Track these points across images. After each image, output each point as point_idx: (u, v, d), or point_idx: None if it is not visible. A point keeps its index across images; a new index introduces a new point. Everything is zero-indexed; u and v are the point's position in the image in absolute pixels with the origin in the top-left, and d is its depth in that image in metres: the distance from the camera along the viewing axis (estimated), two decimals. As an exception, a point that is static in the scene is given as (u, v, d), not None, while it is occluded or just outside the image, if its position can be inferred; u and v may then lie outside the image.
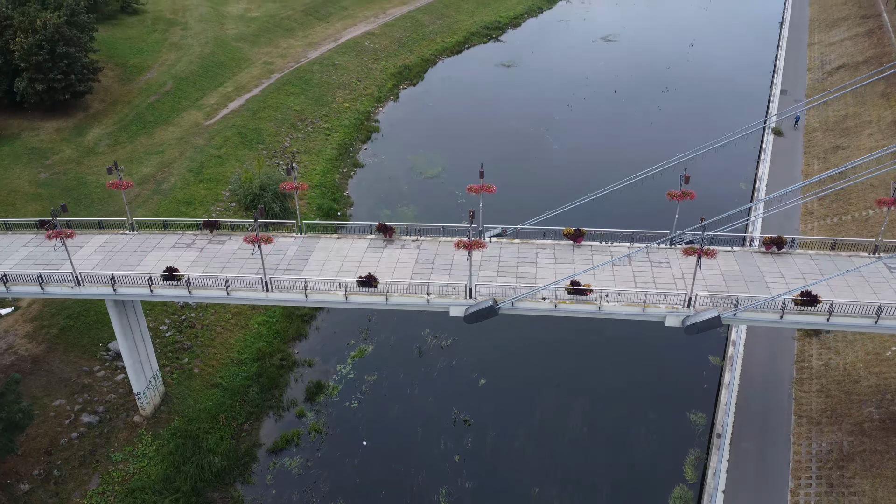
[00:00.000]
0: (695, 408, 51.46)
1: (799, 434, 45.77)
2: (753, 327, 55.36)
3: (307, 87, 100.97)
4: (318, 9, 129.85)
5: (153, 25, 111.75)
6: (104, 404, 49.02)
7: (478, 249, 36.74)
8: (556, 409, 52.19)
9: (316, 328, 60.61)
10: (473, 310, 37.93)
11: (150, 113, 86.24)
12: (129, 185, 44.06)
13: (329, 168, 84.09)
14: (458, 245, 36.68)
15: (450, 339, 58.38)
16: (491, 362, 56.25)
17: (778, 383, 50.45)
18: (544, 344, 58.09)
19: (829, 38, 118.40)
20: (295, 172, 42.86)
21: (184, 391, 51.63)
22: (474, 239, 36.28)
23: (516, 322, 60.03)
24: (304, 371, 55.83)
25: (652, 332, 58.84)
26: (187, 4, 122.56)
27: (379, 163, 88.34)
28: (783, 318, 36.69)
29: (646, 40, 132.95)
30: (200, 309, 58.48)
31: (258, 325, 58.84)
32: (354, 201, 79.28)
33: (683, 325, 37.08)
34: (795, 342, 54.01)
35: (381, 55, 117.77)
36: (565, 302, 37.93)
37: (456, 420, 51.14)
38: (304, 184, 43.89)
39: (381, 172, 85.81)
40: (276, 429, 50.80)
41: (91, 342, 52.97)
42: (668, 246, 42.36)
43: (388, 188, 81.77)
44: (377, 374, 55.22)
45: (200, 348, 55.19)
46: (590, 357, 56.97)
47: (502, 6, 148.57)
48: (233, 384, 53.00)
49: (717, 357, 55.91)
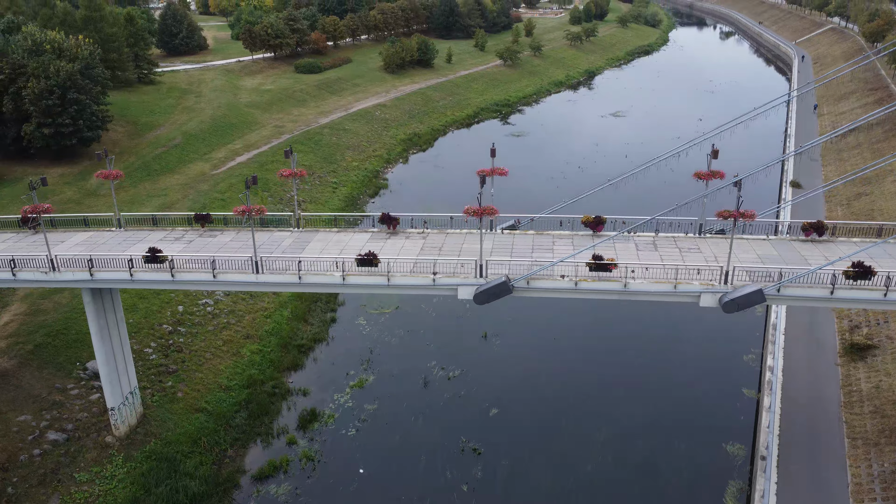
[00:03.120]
0: (731, 439, 45.95)
1: (855, 456, 40.16)
2: (791, 353, 50.56)
3: (317, 146, 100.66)
4: (330, 84, 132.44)
5: (168, 93, 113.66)
6: (74, 422, 44.18)
7: (489, 216, 33.27)
8: (576, 438, 46.74)
9: (314, 359, 56.07)
10: (485, 287, 33.96)
11: (157, 162, 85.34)
12: (118, 174, 41.41)
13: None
14: (467, 212, 33.27)
15: (458, 371, 53.63)
16: (503, 392, 51.28)
17: (824, 407, 45.13)
18: (561, 374, 53.42)
19: (839, 109, 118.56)
20: (294, 158, 40.20)
21: (164, 414, 46.76)
22: (486, 206, 32.91)
23: (531, 351, 56.04)
24: (297, 399, 50.90)
25: (679, 362, 54.52)
26: (203, 78, 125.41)
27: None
28: (833, 293, 32.50)
29: (654, 116, 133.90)
30: (190, 335, 54.44)
31: (251, 353, 54.48)
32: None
33: (721, 303, 32.90)
34: (839, 368, 49.01)
35: (392, 124, 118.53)
36: (587, 280, 33.96)
37: (464, 449, 45.69)
38: (302, 170, 41.11)
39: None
40: (263, 456, 45.45)
41: (68, 360, 48.70)
42: (696, 235, 38.73)
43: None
44: (378, 403, 50.23)
45: (186, 373, 50.68)
46: (612, 385, 52.04)
47: (511, 87, 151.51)
48: (218, 409, 48.11)
49: (751, 389, 50.83)
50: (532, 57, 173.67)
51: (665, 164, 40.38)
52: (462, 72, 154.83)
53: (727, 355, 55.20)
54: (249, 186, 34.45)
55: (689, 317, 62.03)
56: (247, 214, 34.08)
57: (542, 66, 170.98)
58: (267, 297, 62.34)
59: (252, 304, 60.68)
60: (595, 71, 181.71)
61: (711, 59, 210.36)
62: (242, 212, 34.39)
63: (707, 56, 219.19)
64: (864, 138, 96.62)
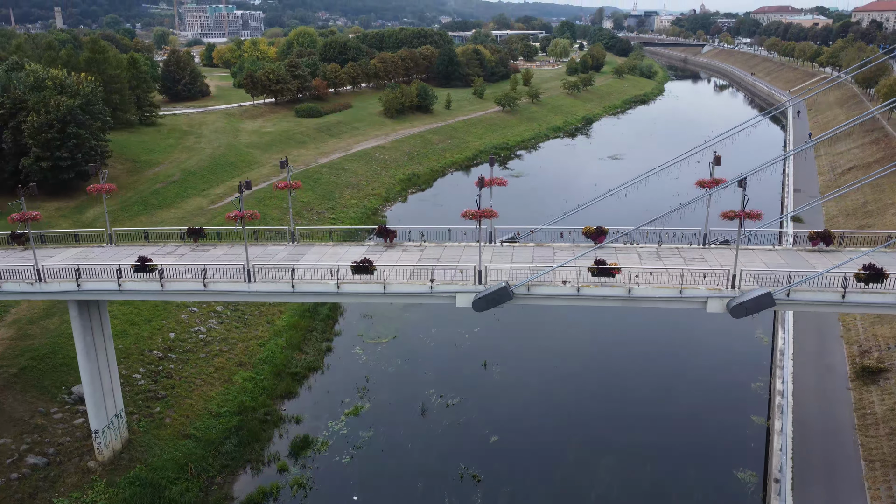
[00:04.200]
0: (742, 465, 44.06)
1: (874, 478, 38.28)
2: (800, 378, 48.98)
3: (315, 184, 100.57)
4: (330, 128, 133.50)
5: (168, 134, 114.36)
6: (55, 446, 42.30)
7: (488, 218, 32.38)
8: (580, 464, 44.80)
9: (308, 387, 54.32)
10: (484, 293, 32.80)
11: (154, 197, 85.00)
12: (111, 188, 40.73)
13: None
14: (465, 215, 32.41)
15: (457, 398, 51.87)
16: (504, 419, 49.47)
17: (837, 430, 43.37)
18: (563, 401, 51.72)
19: (836, 150, 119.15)
20: (289, 168, 39.57)
21: (150, 440, 44.87)
22: (485, 208, 32.08)
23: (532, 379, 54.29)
24: (290, 427, 49.00)
25: (685, 390, 52.80)
26: (204, 120, 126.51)
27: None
28: (845, 297, 31.37)
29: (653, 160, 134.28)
30: (181, 361, 52.88)
31: (243, 380, 52.79)
32: (357, 279, 75.17)
33: (729, 307, 31.70)
34: (851, 392, 47.39)
35: (391, 164, 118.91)
36: (589, 286, 32.85)
37: (463, 475, 43.67)
38: (297, 182, 40.41)
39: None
40: (252, 482, 43.40)
41: (53, 384, 47.06)
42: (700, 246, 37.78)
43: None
44: (373, 430, 48.37)
45: (175, 399, 48.94)
46: (616, 413, 50.26)
47: (510, 132, 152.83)
48: (207, 435, 46.21)
49: (760, 417, 49.06)
50: (530, 104, 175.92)
51: (668, 176, 39.67)
52: (461, 117, 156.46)
53: (734, 382, 53.55)
54: (243, 191, 33.65)
55: (694, 344, 60.65)
56: (239, 219, 33.15)
57: (541, 113, 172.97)
58: (261, 325, 60.98)
59: (246, 333, 59.25)
60: (592, 118, 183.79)
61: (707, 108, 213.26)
62: (235, 217, 33.49)
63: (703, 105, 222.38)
64: (863, 175, 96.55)
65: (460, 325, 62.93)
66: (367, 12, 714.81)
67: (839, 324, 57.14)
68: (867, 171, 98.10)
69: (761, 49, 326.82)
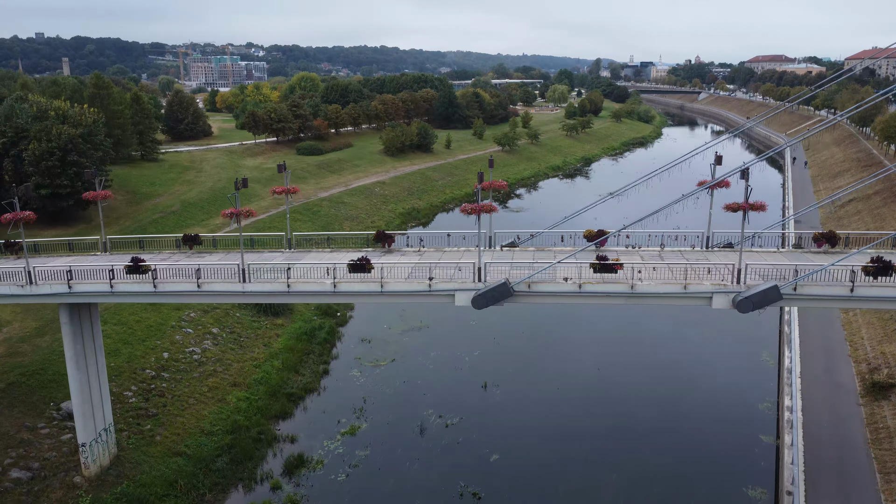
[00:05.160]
0: (752, 483, 42.57)
1: (890, 490, 36.81)
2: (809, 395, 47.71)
3: (314, 216, 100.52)
4: (331, 165, 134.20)
5: (170, 169, 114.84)
6: (41, 461, 40.89)
7: (487, 213, 31.84)
8: (585, 483, 43.26)
9: (303, 408, 52.93)
10: (483, 290, 32.04)
11: (153, 226, 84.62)
12: (106, 195, 40.37)
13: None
14: (464, 210, 31.90)
15: (457, 418, 50.48)
16: (505, 438, 48.04)
17: (850, 444, 41.98)
18: (567, 421, 50.29)
19: (835, 185, 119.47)
20: (287, 174, 39.22)
21: (139, 456, 43.42)
22: (485, 203, 31.60)
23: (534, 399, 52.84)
24: (284, 446, 47.50)
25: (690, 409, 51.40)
26: (206, 157, 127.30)
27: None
28: (854, 291, 30.60)
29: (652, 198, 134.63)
30: (174, 380, 51.67)
31: (237, 399, 51.49)
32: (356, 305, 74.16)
33: (734, 302, 30.90)
34: (862, 407, 46.08)
35: (391, 199, 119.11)
36: (591, 282, 32.11)
37: (463, 493, 42.09)
38: (295, 187, 40.04)
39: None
40: (243, 500, 41.89)
41: (42, 400, 45.84)
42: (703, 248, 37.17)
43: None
44: (370, 448, 46.91)
45: (167, 417, 47.59)
46: (620, 434, 48.78)
47: (510, 170, 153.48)
48: (199, 453, 44.72)
49: (768, 436, 47.64)
50: (529, 144, 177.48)
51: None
52: (461, 156, 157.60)
53: (741, 402, 52.28)
54: (239, 188, 33.23)
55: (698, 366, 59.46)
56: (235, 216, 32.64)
57: (540, 153, 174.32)
58: (257, 347, 59.88)
59: (241, 354, 58.12)
60: (591, 158, 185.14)
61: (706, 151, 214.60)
62: (230, 214, 32.99)
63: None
64: (864, 206, 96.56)
65: (460, 349, 61.84)
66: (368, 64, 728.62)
67: (846, 343, 56.08)
68: (868, 202, 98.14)
69: (757, 95, 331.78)
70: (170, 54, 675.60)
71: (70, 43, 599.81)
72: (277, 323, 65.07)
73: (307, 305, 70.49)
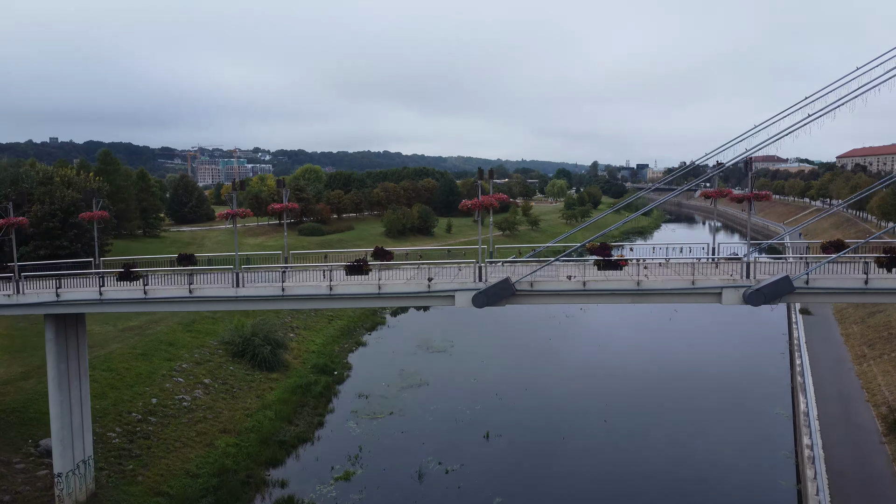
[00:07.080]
0: None
1: (925, 518, 34.16)
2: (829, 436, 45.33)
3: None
4: (332, 244, 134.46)
5: (171, 244, 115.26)
6: (12, 494, 38.25)
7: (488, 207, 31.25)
8: (594, 522, 40.30)
9: (296, 455, 50.17)
10: (485, 289, 30.96)
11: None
12: (103, 214, 39.97)
13: (329, 341, 78.51)
14: (463, 206, 31.36)
15: (457, 465, 47.75)
16: (508, 483, 45.33)
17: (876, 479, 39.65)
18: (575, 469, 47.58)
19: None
20: (286, 191, 38.92)
21: (118, 495, 40.69)
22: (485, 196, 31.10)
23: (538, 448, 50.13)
24: (274, 490, 44.64)
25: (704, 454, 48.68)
26: (208, 234, 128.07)
27: (383, 342, 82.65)
28: (868, 283, 29.53)
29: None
30: (161, 424, 49.30)
31: (226, 444, 48.91)
32: (353, 366, 72.08)
33: (745, 297, 29.72)
34: (886, 445, 43.66)
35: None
36: (596, 280, 31.08)
37: (464, 534, 39.13)
38: (294, 203, 39.56)
39: (384, 348, 79.77)
40: (228, 540, 38.84)
41: (20, 436, 43.51)
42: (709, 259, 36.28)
43: (391, 360, 74.84)
44: (365, 492, 44.11)
45: (151, 458, 44.99)
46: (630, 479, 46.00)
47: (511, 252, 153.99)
48: (182, 494, 41.94)
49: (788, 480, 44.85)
50: (530, 230, 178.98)
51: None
52: (461, 239, 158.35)
53: (756, 446, 49.63)
54: (237, 189, 32.83)
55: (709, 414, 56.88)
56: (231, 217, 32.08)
57: (540, 238, 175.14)
58: (250, 397, 57.63)
59: (233, 403, 55.82)
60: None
61: (704, 237, 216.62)
62: (227, 215, 32.43)
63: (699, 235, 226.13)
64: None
65: (461, 402, 59.48)
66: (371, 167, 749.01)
67: (863, 391, 53.95)
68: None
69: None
70: (179, 158, 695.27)
71: (83, 147, 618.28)
72: (272, 377, 62.94)
73: (303, 363, 68.61)
